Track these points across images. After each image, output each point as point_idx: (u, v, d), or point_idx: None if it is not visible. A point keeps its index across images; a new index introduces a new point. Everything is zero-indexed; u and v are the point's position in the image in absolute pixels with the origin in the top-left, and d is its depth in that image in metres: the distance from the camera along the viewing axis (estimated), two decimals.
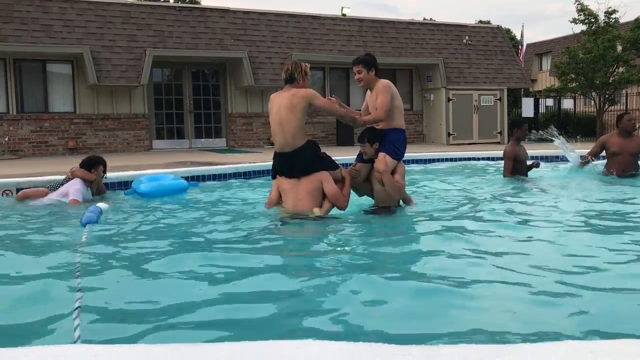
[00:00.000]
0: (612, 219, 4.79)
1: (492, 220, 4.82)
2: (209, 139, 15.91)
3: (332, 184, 4.94)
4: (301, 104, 4.88)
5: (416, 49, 17.76)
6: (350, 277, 3.03)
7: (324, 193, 4.97)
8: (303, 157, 4.92)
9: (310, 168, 4.94)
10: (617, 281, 2.96)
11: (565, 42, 26.51)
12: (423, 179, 8.36)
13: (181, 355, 1.50)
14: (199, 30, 15.20)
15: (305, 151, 4.92)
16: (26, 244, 4.16)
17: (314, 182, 4.92)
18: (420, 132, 18.35)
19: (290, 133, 4.90)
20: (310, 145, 5.00)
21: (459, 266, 3.28)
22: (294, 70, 5.00)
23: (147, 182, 6.62)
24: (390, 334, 2.27)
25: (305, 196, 4.90)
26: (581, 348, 1.52)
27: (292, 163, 4.96)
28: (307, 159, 4.93)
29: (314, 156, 4.98)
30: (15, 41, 13.17)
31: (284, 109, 4.91)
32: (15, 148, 13.56)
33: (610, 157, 7.51)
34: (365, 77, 5.26)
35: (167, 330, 2.34)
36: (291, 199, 4.96)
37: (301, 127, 4.92)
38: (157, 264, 3.42)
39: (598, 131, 20.76)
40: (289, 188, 4.99)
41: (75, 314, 2.28)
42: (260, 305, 2.61)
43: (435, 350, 1.52)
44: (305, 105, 4.91)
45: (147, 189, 6.50)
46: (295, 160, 4.94)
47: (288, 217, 4.90)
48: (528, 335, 2.21)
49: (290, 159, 4.96)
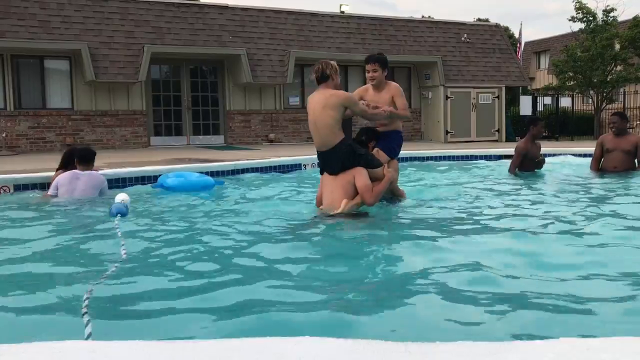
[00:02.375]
0: (612, 217, 4.80)
1: (491, 217, 4.83)
2: (207, 136, 15.89)
3: (364, 178, 4.98)
4: (337, 106, 4.94)
5: (414, 47, 17.75)
6: (348, 274, 3.04)
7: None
8: (339, 155, 4.99)
9: (346, 165, 5.01)
10: (614, 279, 2.96)
11: (564, 41, 26.51)
12: (423, 176, 8.37)
13: (178, 351, 1.50)
14: (197, 26, 15.17)
15: (341, 149, 4.98)
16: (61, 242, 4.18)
17: (348, 177, 5.00)
18: (418, 130, 18.35)
19: (324, 132, 4.97)
20: (346, 143, 5.04)
21: (457, 264, 3.28)
22: (326, 69, 5.02)
23: (174, 177, 6.89)
24: (387, 331, 2.28)
25: (338, 190, 4.99)
26: (578, 345, 1.52)
27: (329, 161, 5.07)
28: (343, 157, 4.99)
29: (350, 153, 5.02)
30: (13, 37, 13.14)
31: (318, 109, 4.98)
32: (13, 144, 13.53)
33: (605, 153, 7.65)
34: (380, 76, 5.35)
35: (168, 326, 2.34)
36: (327, 194, 5.09)
37: (334, 126, 4.95)
38: (164, 261, 3.42)
39: (596, 129, 20.78)
40: (327, 184, 5.12)
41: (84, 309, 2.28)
42: (257, 302, 2.61)
43: (433, 347, 1.52)
44: (341, 108, 4.97)
45: (174, 184, 6.73)
46: (331, 158, 5.03)
47: (313, 215, 4.99)
48: (525, 332, 2.22)
49: (327, 157, 5.07)
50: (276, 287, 2.87)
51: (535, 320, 2.36)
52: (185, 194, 6.40)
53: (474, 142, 17.17)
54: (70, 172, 6.12)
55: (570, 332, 2.20)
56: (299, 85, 16.75)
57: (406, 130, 18.20)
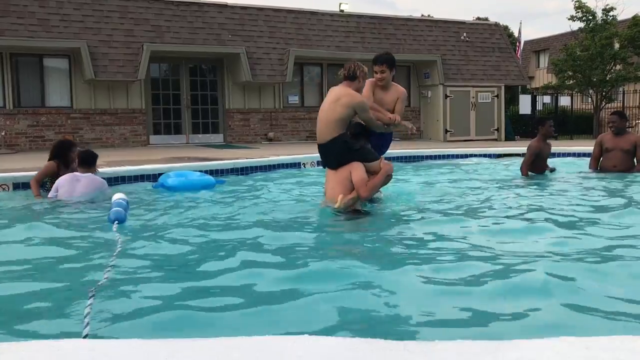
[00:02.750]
0: (611, 216, 4.80)
1: (491, 217, 4.83)
2: (206, 135, 15.88)
3: (359, 172, 4.99)
4: (348, 106, 4.98)
5: (414, 46, 17.74)
6: (346, 273, 3.03)
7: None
8: (333, 150, 5.04)
9: (341, 161, 5.04)
10: (614, 278, 2.96)
11: (563, 40, 26.51)
12: (422, 175, 8.37)
13: (176, 349, 1.50)
14: (196, 25, 15.15)
15: (337, 143, 5.00)
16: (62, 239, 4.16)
17: (345, 172, 5.03)
18: (418, 128, 18.34)
19: (324, 125, 5.05)
20: (343, 138, 5.05)
21: (456, 262, 3.29)
22: (357, 69, 5.09)
23: (175, 177, 6.89)
24: (386, 329, 2.28)
25: (338, 186, 5.03)
26: (577, 344, 1.52)
27: (325, 155, 5.14)
28: (337, 152, 5.04)
29: (345, 150, 5.04)
30: (12, 35, 13.11)
31: (330, 101, 5.06)
32: (12, 142, 13.51)
33: (604, 153, 7.67)
34: (388, 76, 5.44)
35: (167, 324, 2.34)
36: (328, 189, 5.16)
37: (335, 122, 4.99)
38: (165, 260, 3.42)
39: (595, 128, 20.79)
40: (329, 179, 5.18)
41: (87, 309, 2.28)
42: (256, 301, 2.61)
43: (431, 345, 1.52)
44: (350, 109, 5.01)
45: (175, 183, 6.72)
46: (327, 152, 5.10)
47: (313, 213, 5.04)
48: (524, 330, 2.22)
49: (323, 151, 5.14)
50: (275, 285, 2.87)
51: (535, 319, 2.36)
52: (186, 194, 6.40)
53: (473, 140, 17.18)
54: (70, 174, 6.10)
55: (569, 331, 2.20)
56: (298, 84, 16.75)
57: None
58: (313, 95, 17.02)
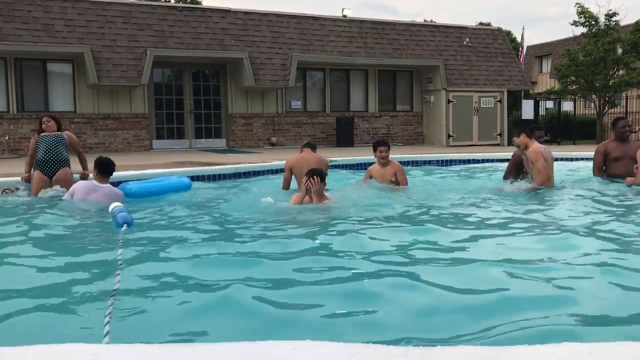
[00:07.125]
0: (618, 223, 4.78)
1: (493, 221, 4.82)
2: (209, 139, 15.90)
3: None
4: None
5: (416, 51, 17.76)
6: (347, 278, 3.03)
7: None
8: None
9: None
10: (615, 285, 2.96)
11: (566, 45, 26.50)
12: (427, 179, 8.36)
13: (179, 354, 1.51)
14: (199, 30, 15.20)
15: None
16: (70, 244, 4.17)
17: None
18: (420, 133, 18.35)
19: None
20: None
21: (458, 268, 3.28)
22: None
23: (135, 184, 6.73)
24: (388, 335, 2.27)
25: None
26: (579, 350, 1.52)
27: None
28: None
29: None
30: (16, 40, 13.17)
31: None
32: (16, 147, 13.55)
33: (612, 162, 7.34)
34: (388, 156, 6.85)
35: (169, 329, 2.34)
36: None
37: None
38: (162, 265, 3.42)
39: (598, 134, 20.77)
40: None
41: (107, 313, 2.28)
42: (257, 306, 2.61)
43: (434, 351, 1.52)
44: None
45: (134, 190, 6.54)
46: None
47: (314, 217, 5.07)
48: (526, 336, 2.22)
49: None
50: (276, 290, 2.87)
51: (537, 324, 2.35)
52: (188, 197, 6.37)
53: (475, 145, 17.16)
54: (88, 182, 6.16)
55: (571, 337, 2.20)
56: (301, 89, 16.77)
57: (408, 134, 18.27)
58: (316, 100, 17.05)
